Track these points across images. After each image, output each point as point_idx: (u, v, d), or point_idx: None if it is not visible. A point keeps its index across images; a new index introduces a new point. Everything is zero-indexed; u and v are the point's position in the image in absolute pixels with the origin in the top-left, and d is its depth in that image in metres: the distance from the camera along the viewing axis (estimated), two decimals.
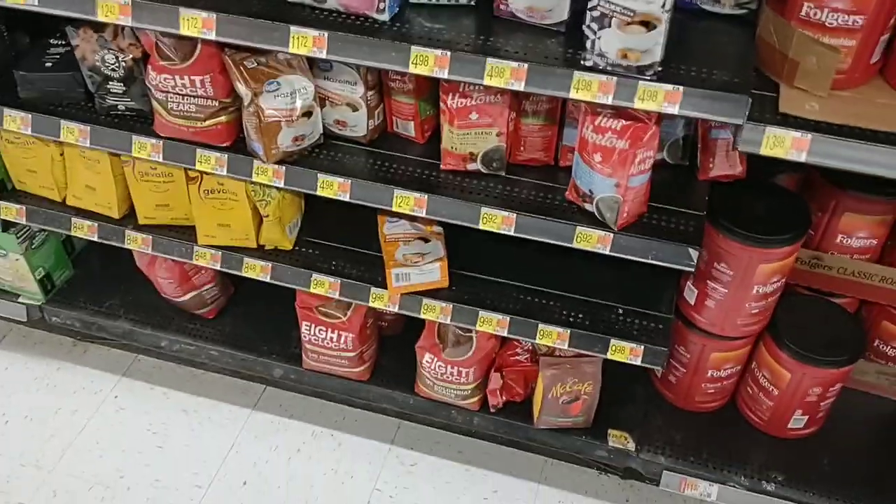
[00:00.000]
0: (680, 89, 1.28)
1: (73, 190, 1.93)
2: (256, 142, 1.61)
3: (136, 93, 1.68)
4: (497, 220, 1.57)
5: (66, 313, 2.22)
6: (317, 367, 2.08)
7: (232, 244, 1.89)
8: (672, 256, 1.51)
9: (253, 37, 1.43)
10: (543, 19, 1.41)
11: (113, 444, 2.19)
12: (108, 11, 1.45)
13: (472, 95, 1.52)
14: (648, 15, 1.24)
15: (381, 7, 1.40)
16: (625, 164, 1.40)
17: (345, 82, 1.63)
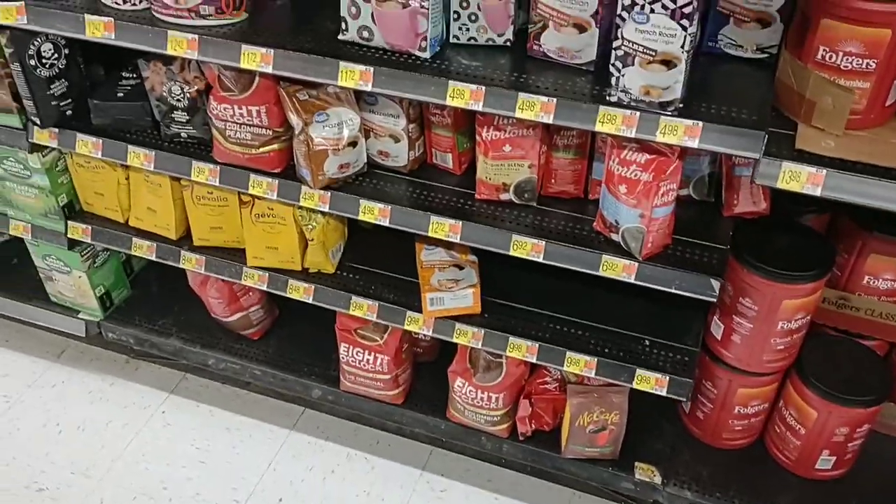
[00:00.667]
0: (699, 124, 1.36)
1: (136, 212, 2.07)
2: (305, 168, 1.73)
3: (198, 122, 1.82)
4: (526, 246, 1.65)
5: (122, 330, 2.36)
6: (353, 388, 2.17)
7: (278, 266, 2.00)
8: (695, 287, 1.56)
9: (306, 71, 1.56)
10: (573, 59, 1.51)
11: (158, 458, 2.30)
12: (177, 46, 1.60)
13: (505, 129, 1.62)
14: (669, 54, 1.33)
15: (423, 46, 1.52)
16: (649, 196, 1.48)
17: (388, 115, 1.74)
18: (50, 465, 2.27)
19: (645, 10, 1.29)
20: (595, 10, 1.42)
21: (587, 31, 1.45)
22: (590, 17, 1.44)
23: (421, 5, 1.46)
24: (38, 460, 2.28)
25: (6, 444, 2.32)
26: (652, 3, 1.28)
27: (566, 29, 1.47)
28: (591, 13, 1.43)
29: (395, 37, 1.52)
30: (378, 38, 1.53)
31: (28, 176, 2.04)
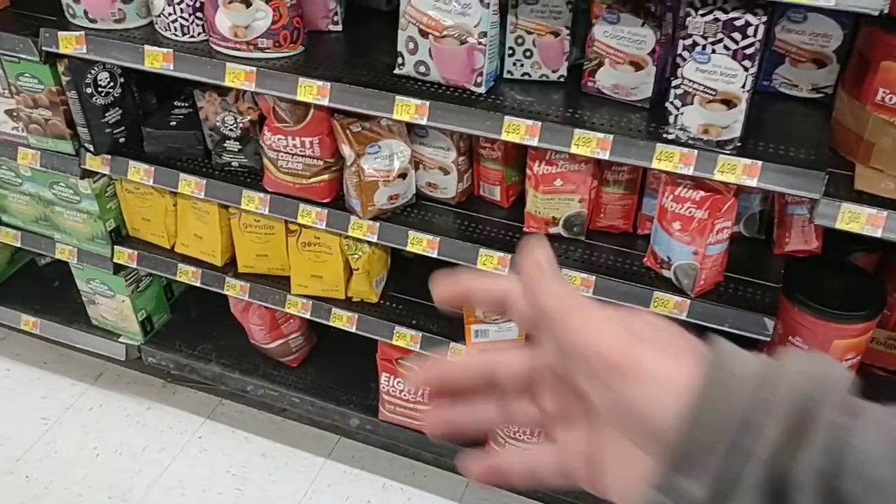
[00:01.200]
0: (758, 164, 1.36)
1: (182, 238, 2.10)
2: (355, 198, 1.74)
3: (250, 151, 1.84)
4: (576, 281, 1.65)
5: (162, 354, 2.37)
6: (392, 418, 2.16)
7: (322, 295, 2.01)
8: (748, 325, 1.55)
9: (362, 104, 1.58)
10: (628, 96, 1.52)
11: (195, 483, 2.30)
12: (234, 78, 1.63)
13: (557, 163, 1.63)
14: (729, 94, 1.33)
15: (478, 81, 1.54)
16: (703, 233, 1.47)
17: (438, 147, 1.76)
18: (87, 489, 2.27)
19: (706, 51, 1.30)
20: (652, 48, 1.44)
21: (643, 69, 1.46)
22: (647, 55, 1.45)
23: (479, 42, 1.48)
24: (76, 484, 2.29)
25: (44, 466, 2.33)
26: (714, 43, 1.29)
27: (622, 66, 1.48)
28: (648, 51, 1.44)
29: (451, 72, 1.53)
30: (434, 73, 1.55)
31: (77, 201, 2.07)
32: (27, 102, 1.91)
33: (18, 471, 2.32)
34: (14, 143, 2.02)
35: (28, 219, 2.24)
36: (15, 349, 2.70)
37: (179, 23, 1.67)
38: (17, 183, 2.17)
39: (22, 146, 2.01)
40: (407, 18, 1.52)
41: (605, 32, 1.46)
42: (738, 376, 0.41)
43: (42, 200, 2.15)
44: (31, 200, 2.18)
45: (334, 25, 1.78)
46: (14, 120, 1.98)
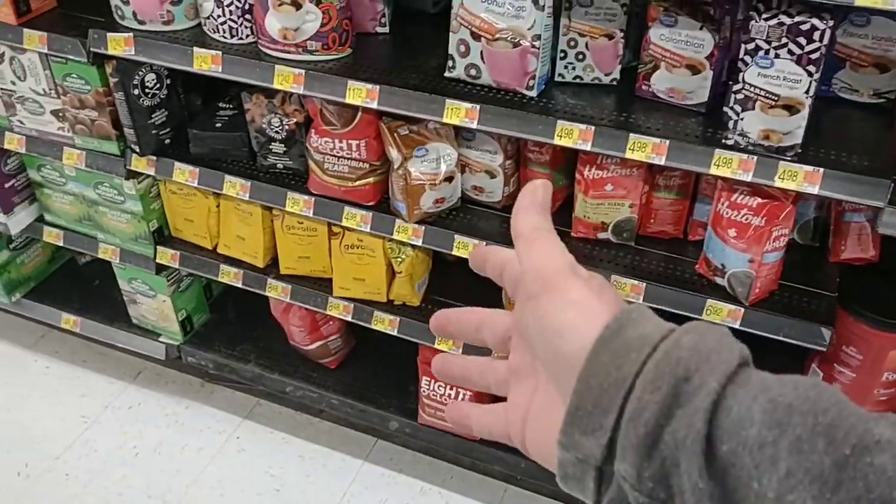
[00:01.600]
0: (820, 171, 1.33)
1: (224, 239, 2.10)
2: (401, 202, 1.73)
3: (295, 153, 1.84)
4: (626, 288, 1.63)
5: (202, 354, 2.38)
6: (432, 422, 2.15)
7: (364, 297, 2.00)
8: (803, 335, 1.52)
9: (411, 107, 1.57)
10: (684, 100, 1.49)
11: (234, 484, 2.30)
12: (283, 80, 1.62)
13: (608, 168, 1.60)
14: (792, 99, 1.30)
15: (530, 84, 1.52)
16: (760, 241, 1.44)
17: (485, 151, 1.74)
18: (127, 488, 2.28)
19: (770, 55, 1.27)
20: (710, 52, 1.41)
21: (700, 73, 1.44)
22: (704, 58, 1.42)
23: (532, 45, 1.46)
24: (115, 483, 2.30)
25: (84, 464, 2.34)
26: (778, 47, 1.26)
27: (679, 70, 1.46)
28: (706, 55, 1.41)
29: (503, 75, 1.52)
30: (485, 76, 1.53)
31: (122, 201, 2.08)
32: (73, 103, 1.92)
33: (58, 469, 2.33)
34: (60, 144, 2.03)
35: (71, 218, 2.25)
36: (54, 347, 2.73)
37: (228, 25, 1.66)
38: (61, 183, 2.18)
39: (67, 146, 2.02)
40: (458, 21, 1.50)
41: (662, 35, 1.43)
42: (635, 338, 0.44)
43: (86, 200, 2.16)
44: (75, 200, 2.19)
45: (381, 28, 1.77)
46: (60, 120, 1.99)
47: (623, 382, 0.43)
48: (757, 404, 0.40)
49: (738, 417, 0.40)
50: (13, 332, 2.77)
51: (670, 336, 0.44)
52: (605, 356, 0.44)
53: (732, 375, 0.42)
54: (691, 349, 0.42)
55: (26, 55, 1.91)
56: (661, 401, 0.41)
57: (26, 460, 2.35)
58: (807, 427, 0.39)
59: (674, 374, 0.42)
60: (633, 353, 0.43)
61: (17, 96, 1.99)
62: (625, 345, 0.44)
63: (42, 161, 2.17)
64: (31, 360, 2.68)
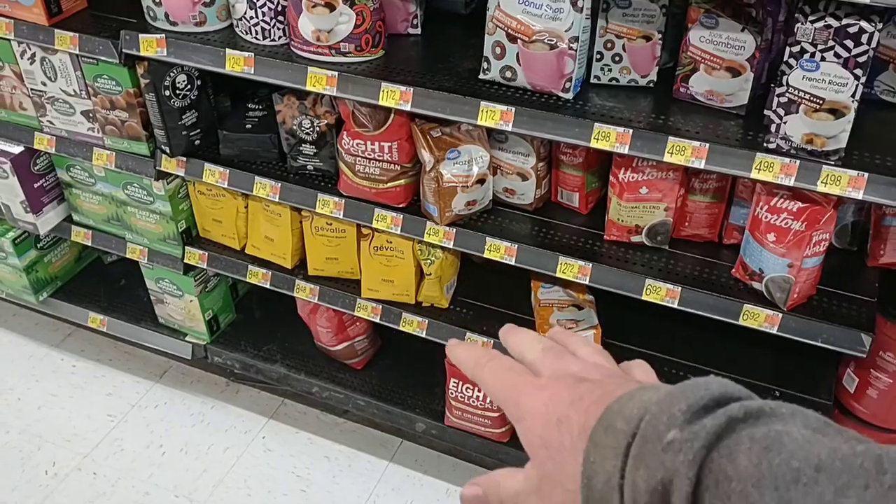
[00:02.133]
0: (865, 175, 1.31)
1: (253, 240, 2.09)
2: (433, 204, 1.72)
3: (325, 155, 1.83)
4: (661, 292, 1.61)
5: (228, 354, 2.38)
6: (458, 424, 2.14)
7: (392, 299, 2.00)
8: (843, 341, 1.50)
9: (445, 109, 1.55)
10: (723, 103, 1.47)
11: (260, 484, 2.30)
12: (316, 82, 1.62)
13: (644, 171, 1.58)
14: (837, 103, 1.28)
15: (566, 86, 1.50)
16: (800, 246, 1.42)
17: (518, 153, 1.73)
18: (154, 487, 2.29)
19: (815, 58, 1.25)
20: (751, 54, 1.39)
21: (741, 76, 1.42)
22: (745, 60, 1.40)
23: (569, 47, 1.45)
24: (143, 482, 2.30)
25: (111, 463, 2.35)
26: (824, 50, 1.24)
27: (718, 73, 1.44)
28: (747, 57, 1.39)
29: (539, 77, 1.50)
30: (521, 79, 1.52)
31: (151, 202, 2.08)
32: (104, 104, 1.92)
33: (86, 467, 2.35)
34: (89, 144, 2.03)
35: (100, 218, 2.26)
36: (80, 346, 2.74)
37: (261, 26, 1.66)
38: (90, 183, 2.19)
39: (97, 147, 2.03)
40: (494, 23, 1.48)
41: (702, 37, 1.41)
42: (605, 492, 0.46)
43: (115, 201, 2.16)
44: (104, 200, 2.20)
45: (413, 29, 1.76)
46: (90, 121, 1.99)
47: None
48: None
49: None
50: (40, 330, 2.79)
51: (627, 478, 0.45)
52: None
53: (696, 495, 0.42)
54: (648, 492, 0.43)
55: (57, 56, 1.91)
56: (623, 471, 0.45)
57: (54, 459, 2.36)
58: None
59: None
60: (609, 502, 0.46)
61: (47, 97, 2.00)
62: (601, 499, 0.46)
63: (71, 161, 2.17)
64: (59, 358, 2.69)
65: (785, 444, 0.40)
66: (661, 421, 0.44)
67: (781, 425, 0.42)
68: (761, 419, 0.43)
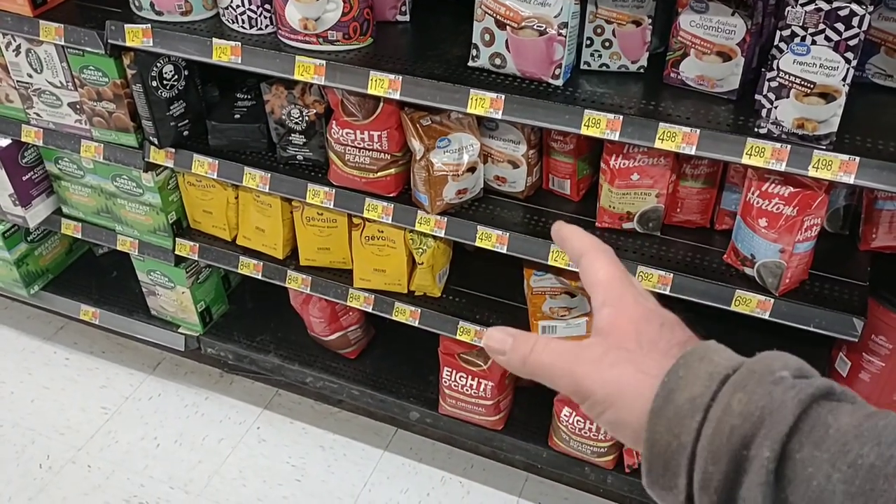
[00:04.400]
0: (856, 160, 1.30)
1: (244, 231, 2.08)
2: (423, 193, 1.71)
3: (315, 145, 1.82)
4: (653, 278, 1.60)
5: (221, 345, 2.37)
6: (452, 412, 2.14)
7: (385, 288, 1.99)
8: (835, 325, 1.50)
9: (435, 97, 1.54)
10: (714, 87, 1.46)
11: (255, 475, 2.30)
12: (304, 71, 1.60)
13: (635, 157, 1.58)
14: (828, 87, 1.27)
15: (556, 73, 1.49)
16: (792, 231, 1.42)
17: (508, 141, 1.72)
18: (148, 479, 2.29)
19: (806, 42, 1.24)
20: (742, 38, 1.38)
21: (732, 60, 1.41)
22: (736, 45, 1.39)
23: (558, 33, 1.43)
24: (137, 474, 2.30)
25: (106, 455, 2.35)
26: (815, 34, 1.23)
27: (708, 57, 1.43)
28: (738, 41, 1.38)
29: (528, 64, 1.49)
30: (510, 66, 1.51)
31: (140, 194, 2.07)
32: (91, 95, 1.90)
33: (80, 460, 2.34)
34: (77, 136, 2.02)
35: (89, 211, 2.24)
36: (73, 338, 2.73)
37: (247, 15, 1.64)
38: (79, 175, 2.17)
39: (85, 139, 2.01)
40: (483, 9, 1.47)
41: (692, 22, 1.40)
42: (686, 404, 0.46)
43: (104, 193, 2.15)
44: (93, 192, 2.18)
45: (402, 16, 1.74)
46: (77, 113, 1.97)
47: (684, 450, 0.46)
48: (837, 472, 0.41)
49: (818, 492, 0.42)
50: (32, 324, 2.78)
51: (719, 399, 0.45)
52: (662, 425, 0.47)
53: (792, 433, 0.43)
54: (742, 415, 0.44)
55: (42, 47, 1.89)
56: (725, 472, 0.44)
57: (48, 452, 2.35)
58: (893, 494, 0.39)
59: (730, 445, 0.44)
60: (686, 420, 0.46)
61: (33, 89, 1.98)
62: (677, 413, 0.46)
63: (60, 153, 2.15)
64: (51, 351, 2.68)
65: (887, 414, 0.43)
66: (775, 364, 0.46)
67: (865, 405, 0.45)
68: (851, 397, 0.46)
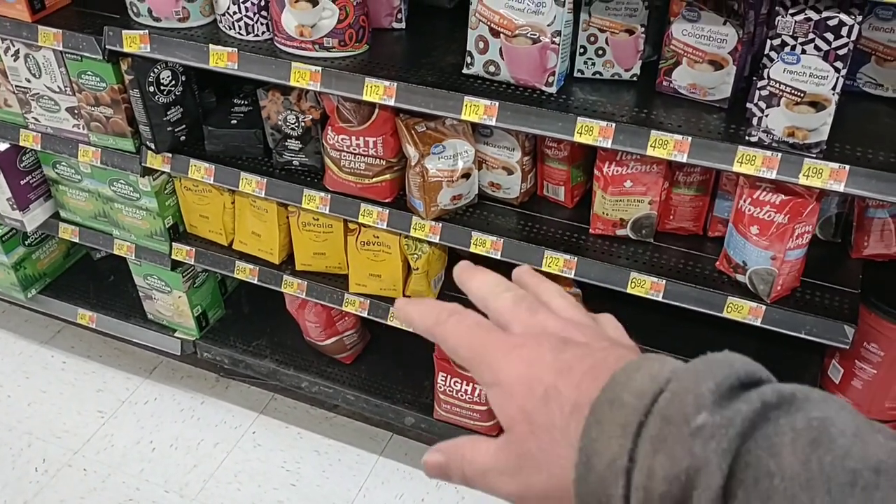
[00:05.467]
0: (846, 168, 1.31)
1: (240, 235, 2.09)
2: (418, 199, 1.72)
3: (311, 150, 1.83)
4: (645, 285, 1.61)
5: (217, 350, 2.38)
6: (447, 418, 2.15)
7: (380, 294, 2.00)
8: (826, 333, 1.51)
9: (429, 104, 1.55)
10: (706, 96, 1.47)
11: (250, 479, 2.31)
12: (300, 77, 1.61)
13: (627, 164, 1.59)
14: (818, 96, 1.28)
15: (550, 81, 1.50)
16: (783, 238, 1.43)
17: (503, 147, 1.73)
18: (144, 483, 2.29)
19: (796, 51, 1.25)
20: (733, 47, 1.39)
21: (723, 69, 1.42)
22: (727, 54, 1.40)
23: (552, 41, 1.45)
24: (133, 478, 2.31)
25: (102, 459, 2.36)
26: (804, 43, 1.24)
27: (701, 66, 1.44)
28: (730, 50, 1.39)
29: (522, 72, 1.50)
30: (504, 73, 1.52)
31: (137, 198, 2.08)
32: (89, 100, 1.91)
33: (76, 463, 2.35)
34: (75, 141, 2.03)
35: (87, 215, 2.25)
36: (70, 342, 2.74)
37: (244, 21, 1.65)
38: (76, 180, 2.18)
39: (83, 143, 2.02)
40: (477, 17, 1.48)
41: (684, 31, 1.41)
42: (605, 474, 0.40)
43: (101, 197, 2.16)
44: (91, 197, 2.19)
45: (398, 23, 1.75)
46: (75, 117, 1.99)
47: None
48: None
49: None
50: (29, 327, 2.78)
51: (639, 462, 0.39)
52: (589, 499, 0.41)
53: (728, 487, 0.37)
54: (668, 479, 0.38)
55: (41, 52, 1.90)
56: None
57: (44, 455, 2.36)
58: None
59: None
60: (611, 490, 0.40)
61: (31, 93, 1.99)
62: (600, 482, 0.40)
63: (57, 158, 2.17)
64: (48, 355, 2.69)
65: (834, 438, 0.36)
66: (687, 401, 0.38)
67: (819, 412, 0.38)
68: (794, 404, 0.38)
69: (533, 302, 0.51)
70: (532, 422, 0.44)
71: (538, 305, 0.51)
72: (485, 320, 0.50)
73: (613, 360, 0.44)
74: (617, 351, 0.45)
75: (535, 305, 0.51)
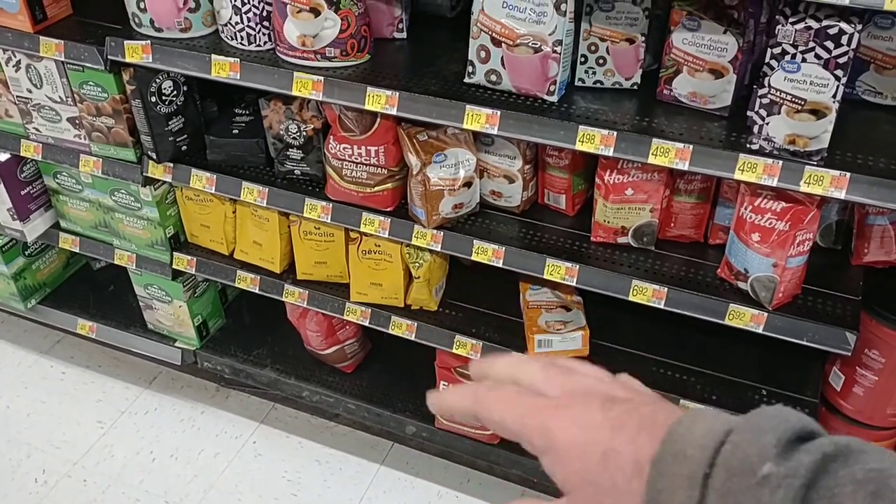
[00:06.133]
0: (847, 175, 1.32)
1: (241, 245, 2.09)
2: (420, 207, 1.72)
3: (312, 159, 1.83)
4: (647, 292, 1.62)
5: (218, 359, 2.37)
6: (449, 427, 2.14)
7: (381, 302, 2.00)
8: (828, 339, 1.51)
9: (431, 113, 1.56)
10: (706, 104, 1.48)
11: (251, 489, 2.30)
12: (302, 87, 1.62)
13: (629, 172, 1.59)
14: (819, 104, 1.29)
15: (551, 90, 1.51)
16: (784, 246, 1.43)
17: (504, 156, 1.73)
18: (144, 494, 2.29)
19: (797, 59, 1.26)
20: (734, 55, 1.40)
21: (724, 77, 1.43)
22: (728, 62, 1.41)
23: (553, 50, 1.45)
24: (133, 488, 2.30)
25: (101, 469, 2.35)
26: (805, 52, 1.25)
27: (701, 74, 1.45)
28: (730, 59, 1.40)
29: (524, 81, 1.51)
30: (506, 82, 1.53)
31: (138, 208, 2.08)
32: (90, 110, 1.92)
33: (76, 474, 2.34)
34: (76, 151, 2.03)
35: (87, 225, 2.25)
36: (70, 352, 2.73)
37: (246, 32, 1.66)
38: (77, 189, 2.18)
39: (84, 153, 2.02)
40: (479, 27, 1.49)
41: (685, 39, 1.42)
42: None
43: (102, 207, 2.16)
44: (91, 207, 2.19)
45: (399, 33, 1.76)
46: (76, 127, 1.99)
47: None
48: None
49: None
50: (29, 337, 2.78)
51: None
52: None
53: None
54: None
55: (42, 63, 1.91)
56: None
57: (44, 466, 2.35)
58: None
59: None
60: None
61: (33, 104, 1.99)
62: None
63: (58, 168, 2.17)
64: (48, 365, 2.68)
65: (894, 489, 0.38)
66: (751, 453, 0.40)
67: (876, 464, 0.39)
68: (851, 456, 0.40)
69: (562, 364, 0.53)
70: (595, 483, 0.46)
71: (568, 367, 0.52)
72: (523, 389, 0.52)
73: (663, 416, 0.45)
74: (663, 405, 0.47)
75: (566, 367, 0.52)
